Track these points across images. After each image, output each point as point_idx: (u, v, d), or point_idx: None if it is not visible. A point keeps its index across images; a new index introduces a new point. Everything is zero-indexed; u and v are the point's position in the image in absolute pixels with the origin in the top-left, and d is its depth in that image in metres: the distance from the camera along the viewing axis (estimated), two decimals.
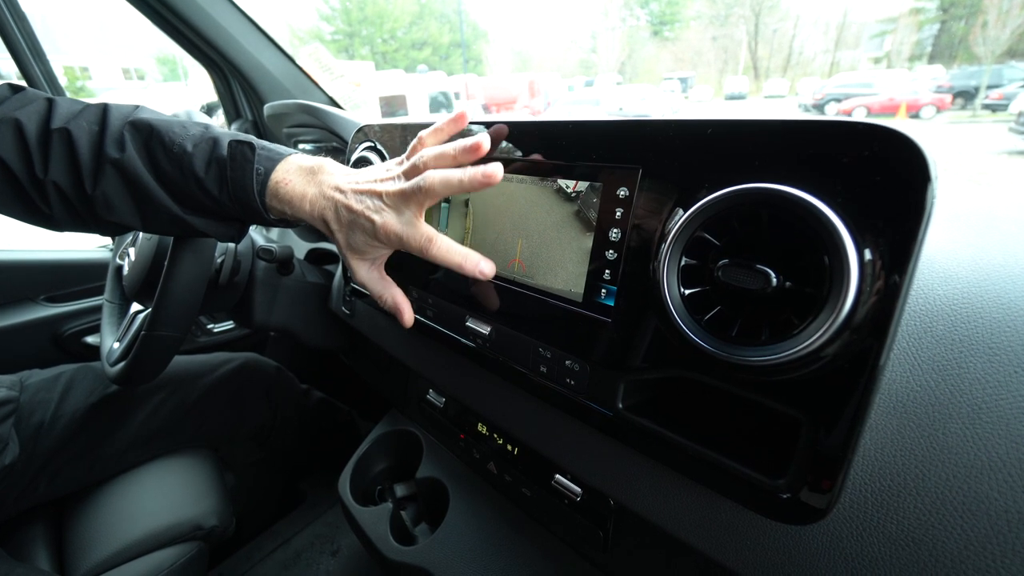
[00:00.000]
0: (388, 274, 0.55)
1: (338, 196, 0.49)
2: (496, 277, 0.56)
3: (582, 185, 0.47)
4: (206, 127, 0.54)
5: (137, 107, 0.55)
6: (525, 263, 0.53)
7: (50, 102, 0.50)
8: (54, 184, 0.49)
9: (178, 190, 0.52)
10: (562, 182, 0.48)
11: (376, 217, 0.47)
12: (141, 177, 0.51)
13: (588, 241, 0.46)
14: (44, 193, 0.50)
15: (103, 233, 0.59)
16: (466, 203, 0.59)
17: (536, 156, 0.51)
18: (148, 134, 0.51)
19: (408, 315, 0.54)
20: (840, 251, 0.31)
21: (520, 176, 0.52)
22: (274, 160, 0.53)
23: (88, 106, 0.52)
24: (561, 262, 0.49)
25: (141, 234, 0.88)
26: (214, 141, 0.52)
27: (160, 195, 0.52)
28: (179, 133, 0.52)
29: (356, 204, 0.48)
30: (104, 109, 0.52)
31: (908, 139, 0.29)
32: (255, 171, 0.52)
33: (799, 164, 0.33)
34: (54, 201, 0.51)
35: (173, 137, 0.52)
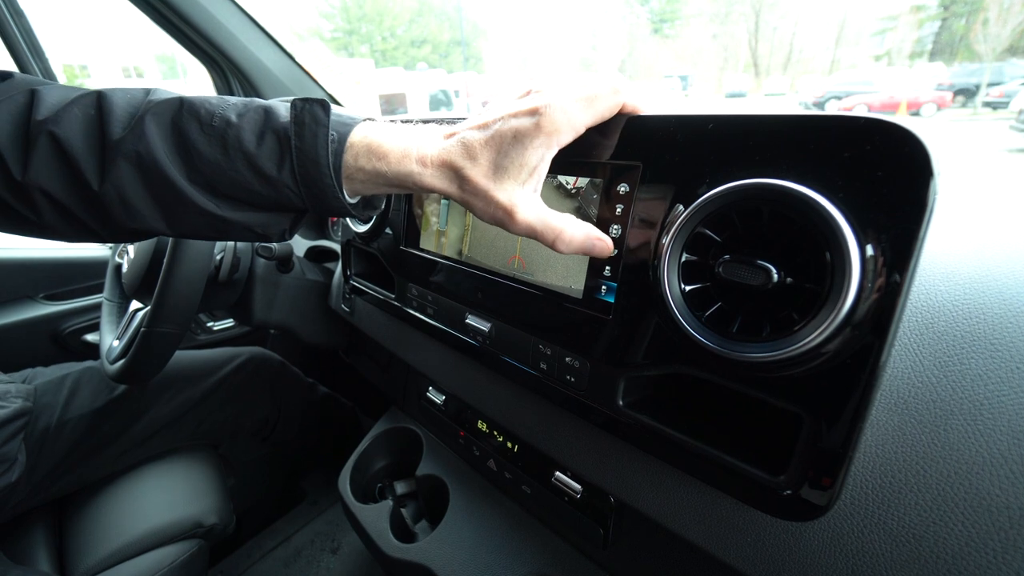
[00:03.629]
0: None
1: (466, 133, 0.40)
2: (496, 274, 0.56)
3: (582, 181, 0.47)
4: (245, 98, 0.44)
5: (150, 90, 0.43)
6: (525, 260, 0.53)
7: (33, 93, 0.40)
8: (40, 188, 0.39)
9: (217, 176, 0.41)
10: (562, 178, 0.48)
11: (540, 102, 0.38)
12: (164, 173, 0.40)
13: None
14: (28, 199, 0.40)
15: (111, 239, 0.47)
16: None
17: None
18: (176, 110, 0.41)
19: (608, 240, 0.42)
20: (841, 247, 0.31)
21: None
22: (347, 124, 0.42)
23: (84, 93, 0.41)
24: (561, 259, 0.49)
25: None
26: (265, 110, 0.41)
27: (190, 194, 0.41)
28: (217, 104, 0.42)
29: (496, 124, 0.38)
30: (99, 93, 0.41)
31: (910, 134, 0.29)
32: (329, 137, 0.41)
33: (801, 159, 0.33)
34: (43, 208, 0.40)
35: (211, 108, 0.41)
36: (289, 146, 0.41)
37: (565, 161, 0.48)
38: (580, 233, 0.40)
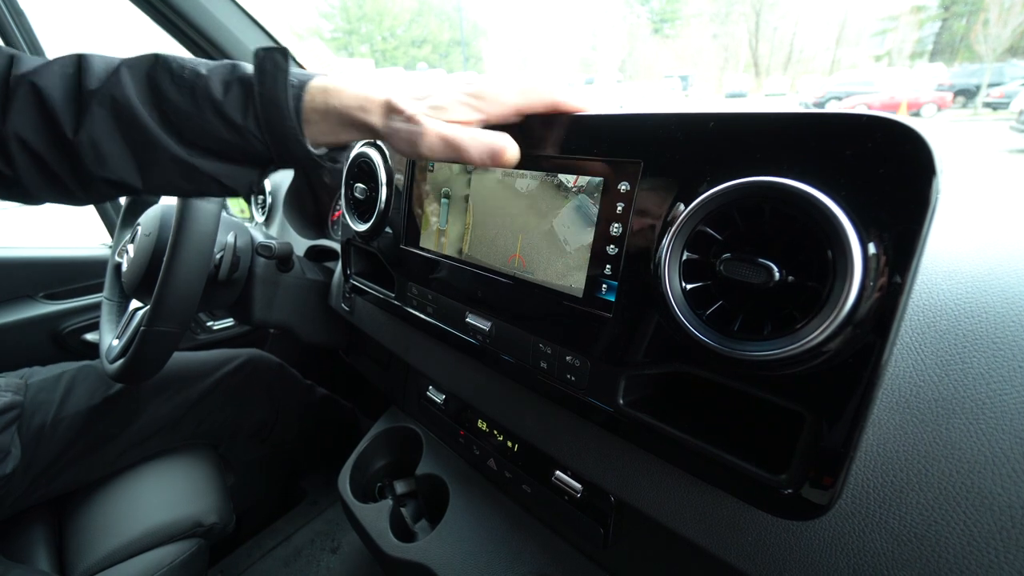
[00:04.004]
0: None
1: (414, 88, 0.45)
2: (496, 273, 0.56)
3: (583, 180, 0.46)
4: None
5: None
6: (525, 259, 0.53)
7: (12, 56, 0.43)
8: (17, 137, 0.41)
9: (186, 124, 0.44)
10: (563, 177, 0.48)
11: (478, 80, 0.46)
12: (136, 114, 0.42)
13: (589, 236, 0.46)
14: (4, 150, 0.42)
15: (85, 198, 0.48)
16: (466, 199, 0.59)
17: (537, 150, 0.51)
18: (151, 63, 0.44)
19: (514, 148, 0.44)
20: (843, 245, 0.31)
21: (520, 171, 0.52)
22: (309, 75, 0.46)
23: (64, 55, 0.44)
24: (561, 257, 0.49)
25: (140, 231, 0.88)
26: (233, 64, 0.45)
27: (160, 136, 0.43)
28: (189, 60, 0.45)
29: (441, 87, 0.45)
30: (80, 55, 0.44)
31: (912, 131, 0.29)
32: (289, 82, 0.44)
33: (802, 157, 0.33)
34: (19, 160, 0.42)
35: (182, 62, 0.44)
36: (253, 92, 0.43)
37: (566, 160, 0.48)
38: (487, 139, 0.43)
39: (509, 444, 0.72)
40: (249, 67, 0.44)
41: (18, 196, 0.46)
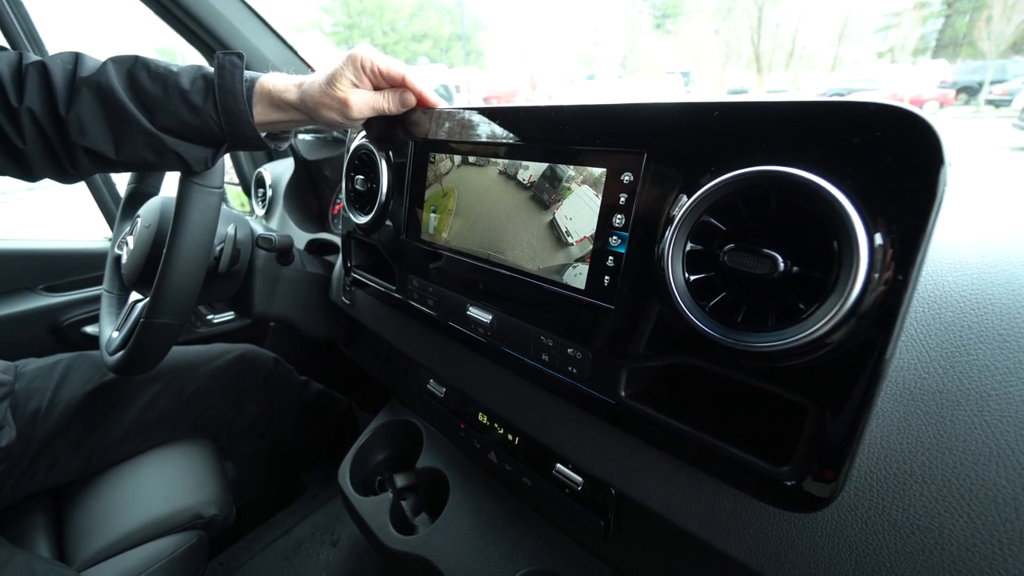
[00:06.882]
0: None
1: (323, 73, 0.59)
2: (497, 265, 0.56)
3: (586, 170, 0.46)
4: None
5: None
6: (527, 250, 0.52)
7: (21, 54, 0.54)
8: (29, 111, 0.51)
9: (156, 108, 0.55)
10: (565, 167, 0.48)
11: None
12: (116, 96, 0.53)
13: (591, 227, 0.46)
14: (18, 124, 0.52)
15: (74, 174, 0.58)
16: (468, 191, 0.59)
17: (540, 141, 0.50)
18: (132, 62, 0.56)
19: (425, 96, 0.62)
20: (850, 236, 0.30)
21: (523, 163, 0.52)
22: (259, 73, 0.60)
23: (62, 52, 0.55)
24: (564, 249, 0.49)
25: (140, 223, 0.88)
26: (199, 66, 0.58)
27: (134, 113, 0.54)
28: (164, 62, 0.57)
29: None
30: (76, 52, 0.56)
31: (921, 119, 0.28)
32: (243, 76, 0.57)
33: (808, 146, 0.33)
34: (28, 131, 0.52)
35: (158, 63, 0.57)
36: (213, 84, 0.56)
37: (569, 150, 0.47)
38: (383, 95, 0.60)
39: (510, 437, 0.72)
40: (211, 69, 0.57)
41: (23, 171, 0.56)
